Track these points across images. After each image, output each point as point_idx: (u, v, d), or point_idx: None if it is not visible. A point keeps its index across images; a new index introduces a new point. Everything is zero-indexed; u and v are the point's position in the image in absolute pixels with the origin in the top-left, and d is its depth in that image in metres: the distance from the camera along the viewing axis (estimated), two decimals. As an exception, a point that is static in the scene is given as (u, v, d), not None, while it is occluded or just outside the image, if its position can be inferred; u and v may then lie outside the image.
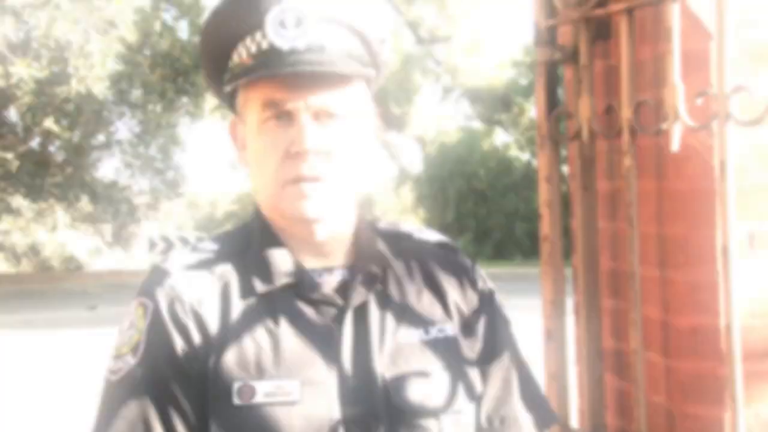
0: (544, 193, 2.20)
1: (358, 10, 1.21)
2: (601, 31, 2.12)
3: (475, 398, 1.24)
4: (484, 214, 21.60)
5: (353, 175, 1.22)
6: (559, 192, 2.21)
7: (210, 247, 1.24)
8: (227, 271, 1.21)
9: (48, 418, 6.24)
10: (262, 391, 1.12)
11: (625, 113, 1.95)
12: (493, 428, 1.25)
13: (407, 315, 1.23)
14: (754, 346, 1.91)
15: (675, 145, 1.87)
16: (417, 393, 1.18)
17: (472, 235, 21.55)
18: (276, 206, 1.20)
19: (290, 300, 1.19)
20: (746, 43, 1.90)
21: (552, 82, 2.21)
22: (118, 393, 1.15)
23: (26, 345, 9.53)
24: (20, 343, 9.69)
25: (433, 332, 1.23)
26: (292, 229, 1.22)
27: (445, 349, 1.22)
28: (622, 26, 1.96)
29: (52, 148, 16.72)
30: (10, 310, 12.72)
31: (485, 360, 1.27)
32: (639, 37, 1.99)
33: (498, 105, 24.63)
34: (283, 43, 1.15)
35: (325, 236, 1.22)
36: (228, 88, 1.22)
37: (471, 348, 1.26)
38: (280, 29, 1.15)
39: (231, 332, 1.15)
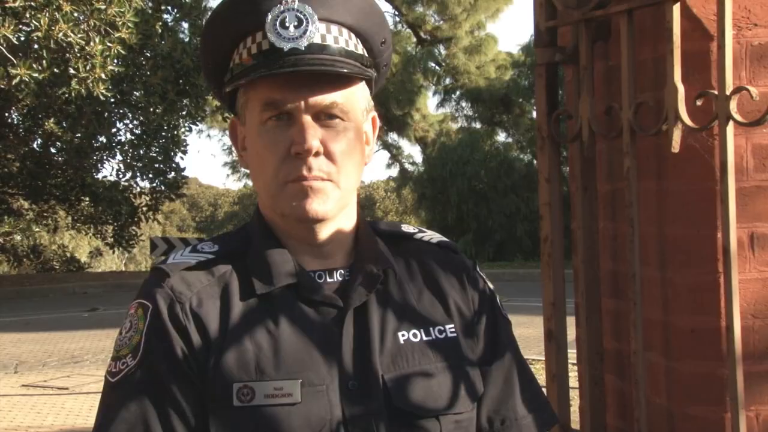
0: (544, 194, 2.20)
1: (360, 11, 1.21)
2: (601, 32, 2.12)
3: (476, 399, 1.24)
4: (485, 215, 21.57)
5: (353, 176, 1.21)
6: (559, 193, 2.21)
7: (210, 248, 1.24)
8: (227, 272, 1.21)
9: (49, 419, 6.24)
10: (262, 393, 1.12)
11: (626, 114, 1.95)
12: (493, 429, 1.25)
13: (408, 316, 1.23)
14: (754, 347, 1.91)
15: (675, 146, 1.87)
16: (418, 393, 1.18)
17: (473, 236, 21.52)
18: (276, 206, 1.20)
19: (290, 301, 1.18)
20: (746, 43, 1.90)
21: (552, 83, 2.21)
22: (117, 394, 1.14)
23: (27, 346, 9.53)
24: (21, 344, 9.68)
25: (434, 333, 1.23)
26: (292, 230, 1.22)
27: (446, 350, 1.22)
28: (622, 27, 1.96)
29: (53, 150, 16.71)
30: (11, 311, 12.72)
31: (486, 360, 1.26)
32: (639, 38, 1.99)
33: (499, 106, 24.62)
34: (283, 43, 1.15)
35: (325, 237, 1.22)
36: (228, 89, 1.22)
37: (472, 348, 1.25)
38: (281, 29, 1.15)
39: (231, 333, 1.15)
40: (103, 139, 15.57)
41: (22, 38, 10.59)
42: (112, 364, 1.17)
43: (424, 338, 1.22)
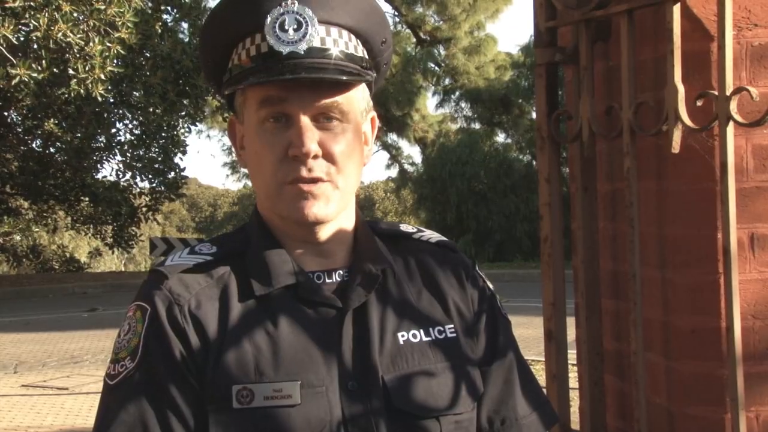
0: (544, 194, 2.20)
1: (360, 13, 1.20)
2: (601, 32, 2.11)
3: (476, 399, 1.23)
4: (484, 216, 21.58)
5: (352, 177, 1.21)
6: (559, 193, 2.21)
7: (208, 249, 1.23)
8: (226, 273, 1.20)
9: (48, 419, 6.24)
10: (262, 395, 1.11)
11: (626, 114, 1.95)
12: (493, 429, 1.24)
13: (407, 316, 1.22)
14: (754, 347, 1.90)
15: (675, 146, 1.87)
16: (418, 394, 1.17)
17: (473, 236, 21.53)
18: (274, 207, 1.19)
19: (289, 302, 1.18)
20: (747, 44, 1.90)
21: (552, 84, 2.20)
22: (116, 397, 1.14)
23: (27, 346, 9.53)
24: (21, 344, 9.68)
25: (433, 333, 1.22)
26: (291, 231, 1.21)
27: (446, 350, 1.22)
28: (623, 27, 1.95)
29: (52, 150, 16.71)
30: (11, 311, 12.71)
31: (486, 361, 1.26)
32: (639, 38, 1.99)
33: (498, 106, 24.62)
34: (282, 46, 1.13)
35: (325, 237, 1.21)
36: (227, 92, 1.22)
37: (471, 348, 1.25)
38: (280, 32, 1.14)
39: (230, 335, 1.15)
40: (102, 139, 15.57)
41: (22, 38, 10.59)
42: (111, 366, 1.17)
43: (424, 338, 1.21)
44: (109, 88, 10.91)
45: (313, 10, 1.15)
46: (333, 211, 1.18)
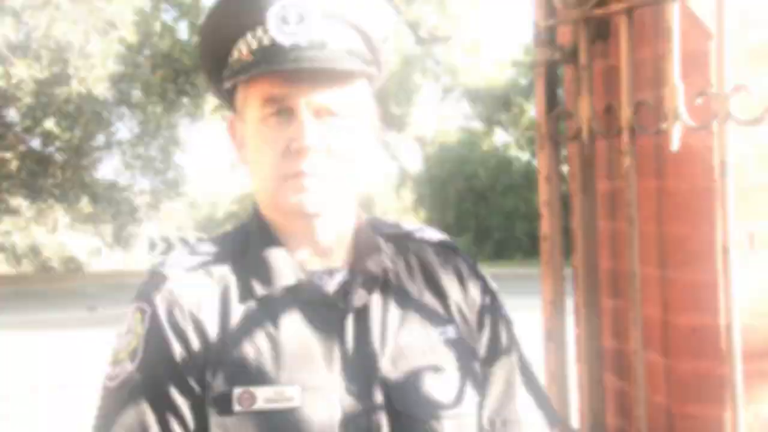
0: (543, 193, 2.20)
1: (360, 8, 1.21)
2: (600, 30, 2.12)
3: (477, 400, 1.23)
4: (484, 214, 21.61)
5: (353, 173, 1.21)
6: (559, 192, 2.21)
7: (208, 249, 1.23)
8: (226, 273, 1.20)
9: (48, 419, 6.24)
10: (263, 397, 1.11)
11: (625, 113, 1.95)
12: (494, 430, 1.24)
13: (409, 317, 1.22)
14: (754, 346, 1.91)
15: (675, 145, 1.87)
16: (419, 395, 1.17)
17: (472, 235, 21.55)
18: (275, 202, 1.19)
19: (290, 303, 1.18)
20: (746, 42, 1.90)
21: (552, 82, 2.20)
22: (116, 399, 1.13)
23: (26, 346, 9.52)
24: (20, 343, 9.68)
25: (435, 334, 1.22)
26: (292, 227, 1.21)
27: (447, 351, 1.22)
28: (622, 26, 1.95)
29: (52, 149, 16.71)
30: (10, 310, 12.70)
31: (487, 361, 1.26)
32: (638, 37, 1.99)
33: (498, 105, 24.62)
34: (284, 39, 1.14)
35: (325, 234, 1.21)
36: (228, 85, 1.21)
37: (473, 349, 1.25)
38: (282, 25, 1.14)
39: (230, 337, 1.14)
40: (102, 138, 15.57)
41: (22, 37, 10.59)
42: (110, 368, 1.16)
43: (425, 339, 1.21)
44: (109, 86, 10.91)
45: (314, 4, 1.15)
46: (333, 205, 1.18)
